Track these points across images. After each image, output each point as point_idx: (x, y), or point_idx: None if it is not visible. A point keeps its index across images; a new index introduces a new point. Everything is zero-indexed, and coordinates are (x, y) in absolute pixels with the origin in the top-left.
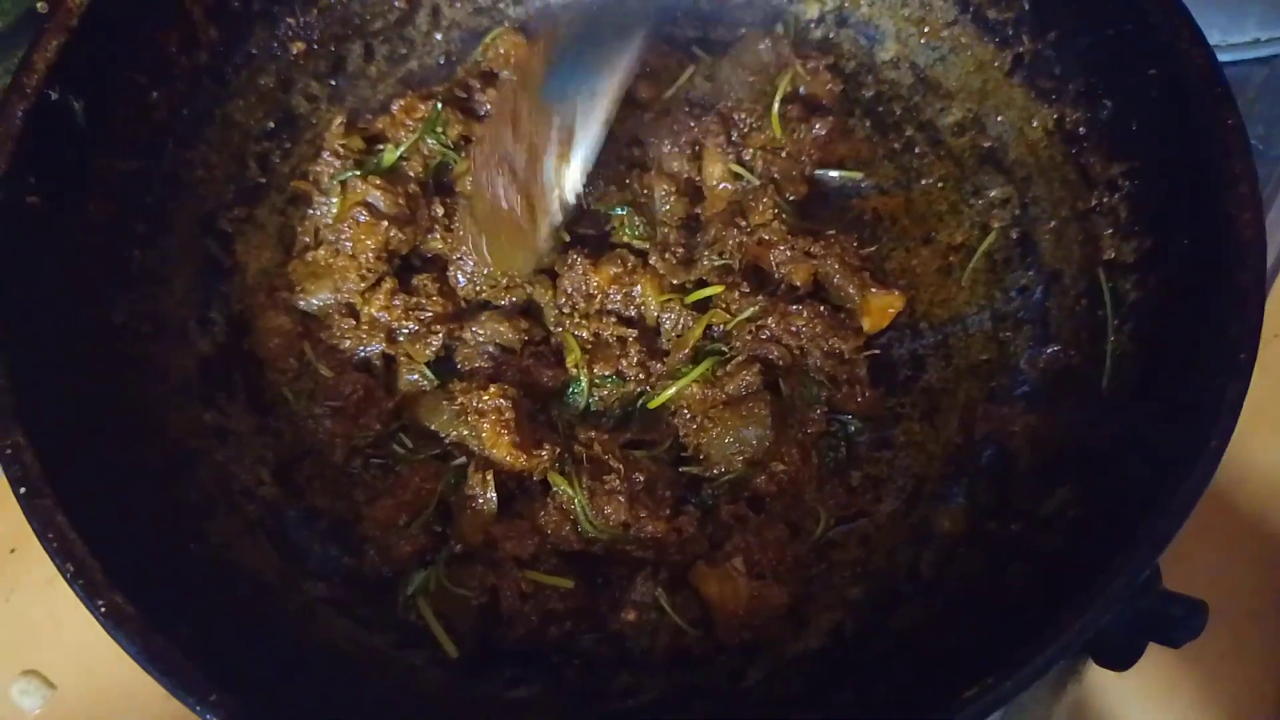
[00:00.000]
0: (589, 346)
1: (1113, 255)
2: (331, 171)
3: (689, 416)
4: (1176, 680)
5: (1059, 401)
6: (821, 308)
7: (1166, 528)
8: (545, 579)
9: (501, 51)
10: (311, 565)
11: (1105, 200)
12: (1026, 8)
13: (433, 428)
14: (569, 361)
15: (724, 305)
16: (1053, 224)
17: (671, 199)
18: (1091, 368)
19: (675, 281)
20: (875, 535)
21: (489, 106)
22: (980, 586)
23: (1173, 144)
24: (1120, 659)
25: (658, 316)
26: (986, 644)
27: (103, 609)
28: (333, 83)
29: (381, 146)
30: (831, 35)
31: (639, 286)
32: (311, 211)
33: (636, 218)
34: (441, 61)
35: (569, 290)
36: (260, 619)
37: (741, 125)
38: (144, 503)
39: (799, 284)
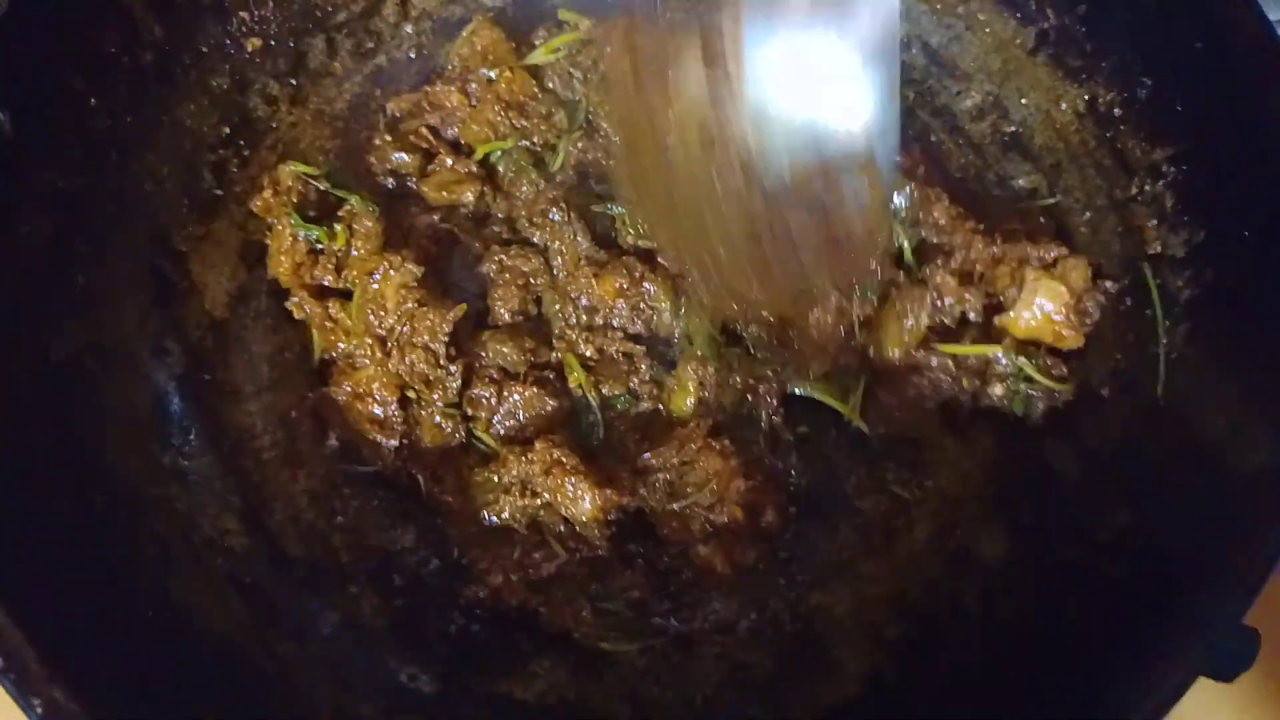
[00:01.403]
0: (593, 364)
1: (1159, 249)
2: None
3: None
4: (1213, 708)
5: (1106, 412)
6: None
7: (1266, 558)
8: None
9: (479, 47)
10: (287, 623)
11: (1147, 188)
12: None
13: (504, 517)
14: (571, 382)
15: None
16: (1088, 215)
17: None
18: (1142, 373)
19: None
20: (909, 565)
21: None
22: (1037, 622)
23: (1225, 124)
24: None
25: (670, 324)
26: (1057, 693)
27: (39, 709)
28: (293, 82)
29: None
30: None
31: (651, 288)
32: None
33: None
34: (412, 55)
35: (573, 297)
36: (230, 690)
37: None
38: (92, 566)
39: None
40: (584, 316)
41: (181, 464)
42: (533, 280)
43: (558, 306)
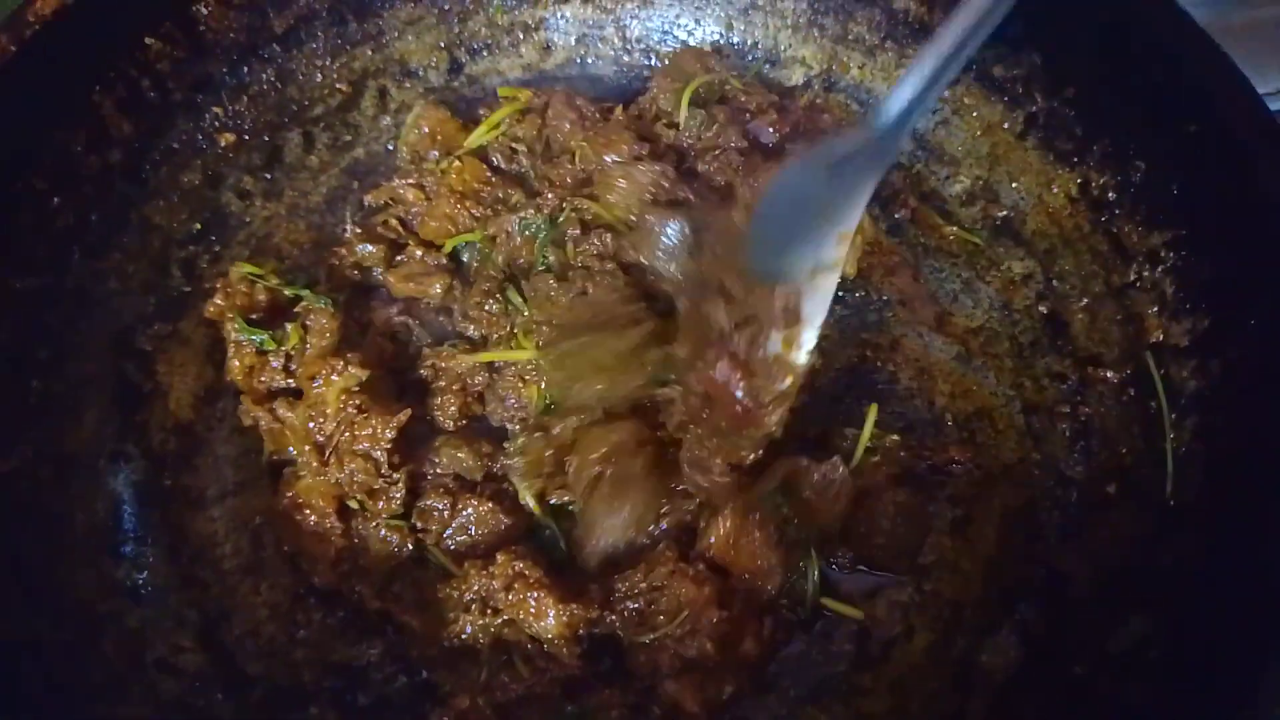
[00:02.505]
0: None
1: (1161, 337)
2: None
3: None
4: None
5: (1113, 510)
6: None
7: None
8: None
9: (425, 131)
10: None
11: (1146, 274)
12: (1038, 62)
13: (464, 638)
14: (521, 497)
15: None
16: (1085, 301)
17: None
18: (1150, 470)
19: None
20: (910, 677)
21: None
22: None
23: (1225, 207)
24: None
25: None
26: None
27: None
28: (268, 176)
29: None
30: (819, 101)
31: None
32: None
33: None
34: (390, 148)
35: (501, 396)
36: None
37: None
38: (31, 698)
39: None
40: (519, 426)
41: (136, 577)
42: (469, 381)
43: (500, 412)
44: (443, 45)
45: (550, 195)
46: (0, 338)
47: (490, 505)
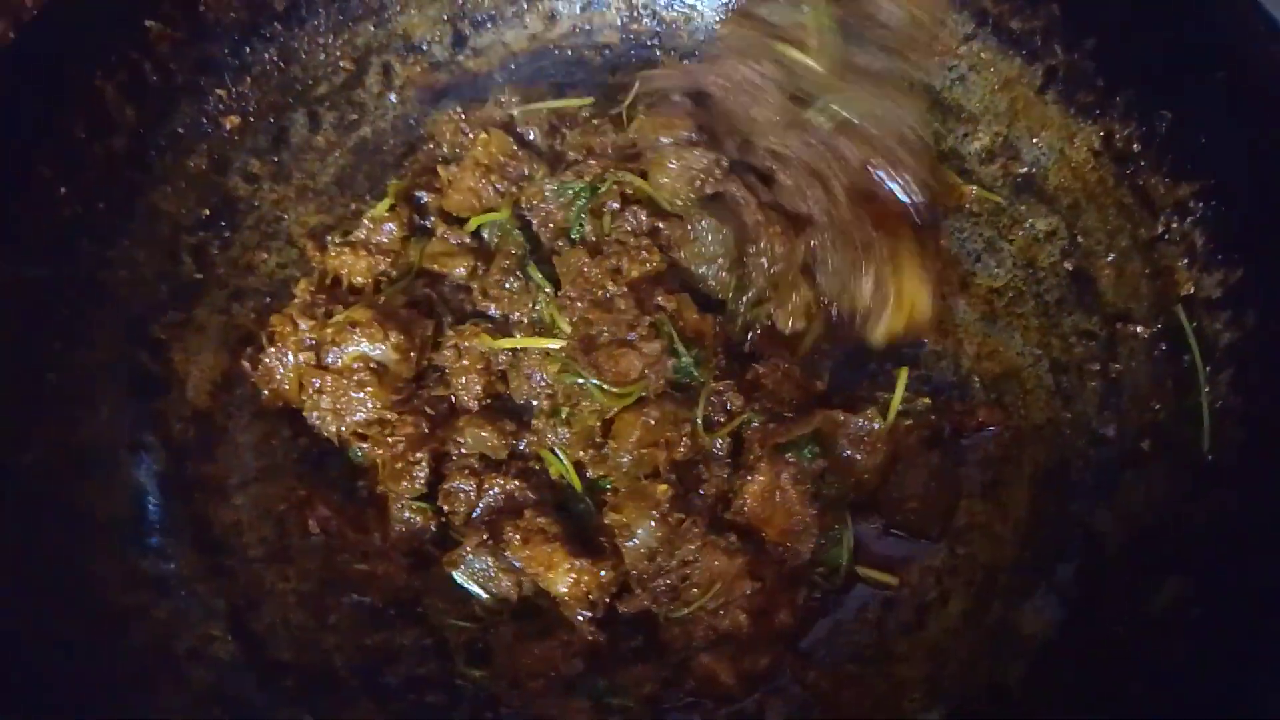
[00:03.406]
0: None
1: (1192, 290)
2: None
3: None
4: None
5: (1148, 468)
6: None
7: None
8: None
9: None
10: None
11: (1174, 226)
12: (1057, 14)
13: (470, 587)
14: (553, 473)
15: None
16: (1111, 257)
17: None
18: (1185, 426)
19: None
20: (946, 642)
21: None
22: (1086, 707)
23: (1255, 155)
24: None
25: None
26: None
27: None
28: (275, 159)
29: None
30: None
31: None
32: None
33: None
34: (397, 125)
35: (526, 374)
36: None
37: None
38: (60, 693)
39: None
40: (545, 403)
41: (162, 568)
42: (492, 359)
43: (525, 389)
44: (445, 18)
45: (592, 162)
46: (11, 328)
47: (517, 483)
